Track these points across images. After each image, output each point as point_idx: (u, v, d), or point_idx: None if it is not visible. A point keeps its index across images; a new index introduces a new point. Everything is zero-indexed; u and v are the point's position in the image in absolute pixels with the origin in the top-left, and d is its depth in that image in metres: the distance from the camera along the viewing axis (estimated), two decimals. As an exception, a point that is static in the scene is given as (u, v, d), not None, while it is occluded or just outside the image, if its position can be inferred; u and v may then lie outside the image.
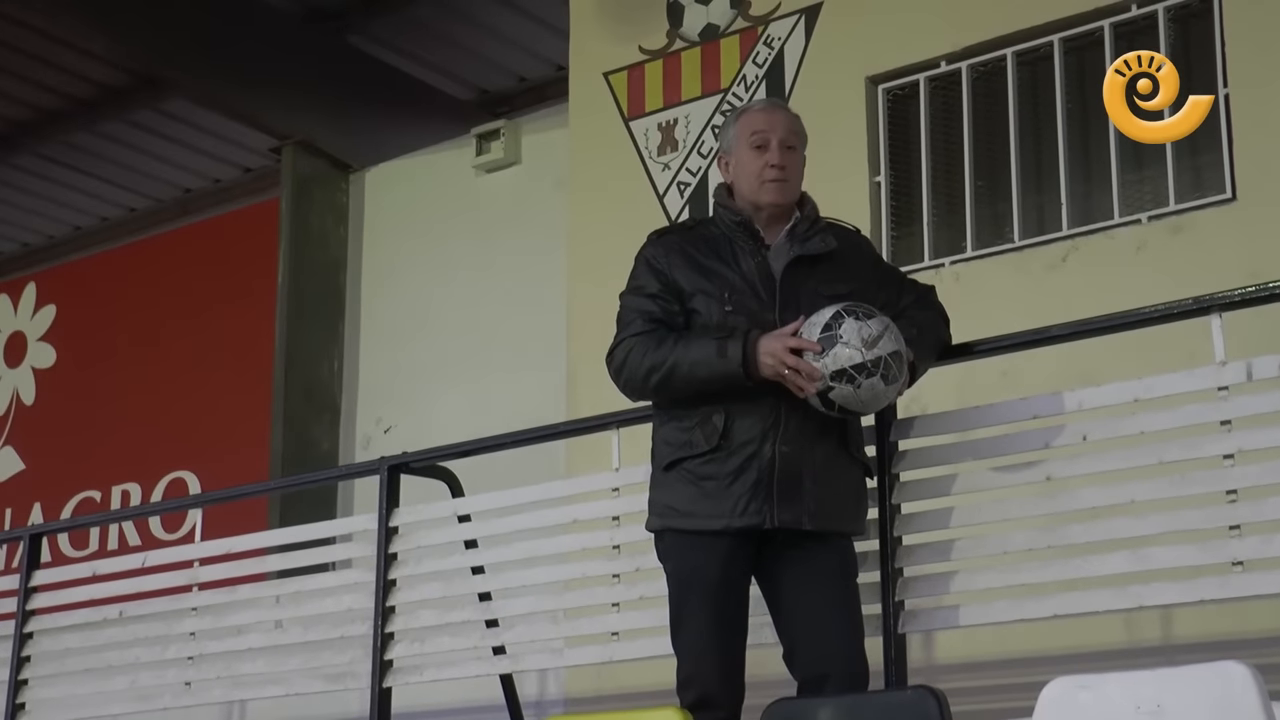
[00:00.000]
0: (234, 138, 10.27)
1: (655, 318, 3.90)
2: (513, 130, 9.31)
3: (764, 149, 3.97)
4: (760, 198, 3.96)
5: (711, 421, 3.81)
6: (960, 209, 6.58)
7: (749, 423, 3.79)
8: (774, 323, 3.82)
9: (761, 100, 4.62)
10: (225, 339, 10.20)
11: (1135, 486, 4.01)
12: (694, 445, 3.82)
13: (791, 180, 3.97)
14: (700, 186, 7.23)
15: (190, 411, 10.21)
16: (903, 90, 6.81)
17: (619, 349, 3.93)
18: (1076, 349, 4.59)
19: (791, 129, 4.02)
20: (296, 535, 6.03)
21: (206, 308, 10.38)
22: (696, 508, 3.80)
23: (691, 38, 7.46)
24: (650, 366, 3.84)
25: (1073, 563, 4.07)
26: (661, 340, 3.85)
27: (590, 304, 7.19)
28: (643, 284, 3.96)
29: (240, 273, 10.27)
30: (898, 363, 3.74)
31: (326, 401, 9.63)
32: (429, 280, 9.46)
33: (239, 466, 9.40)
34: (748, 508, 3.76)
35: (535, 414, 6.70)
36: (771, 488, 3.77)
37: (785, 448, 3.78)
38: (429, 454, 5.62)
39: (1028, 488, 4.21)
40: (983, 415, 4.31)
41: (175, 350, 10.46)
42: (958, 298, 5.23)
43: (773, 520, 3.76)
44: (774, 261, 3.92)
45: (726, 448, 3.79)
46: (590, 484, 5.17)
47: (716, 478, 3.79)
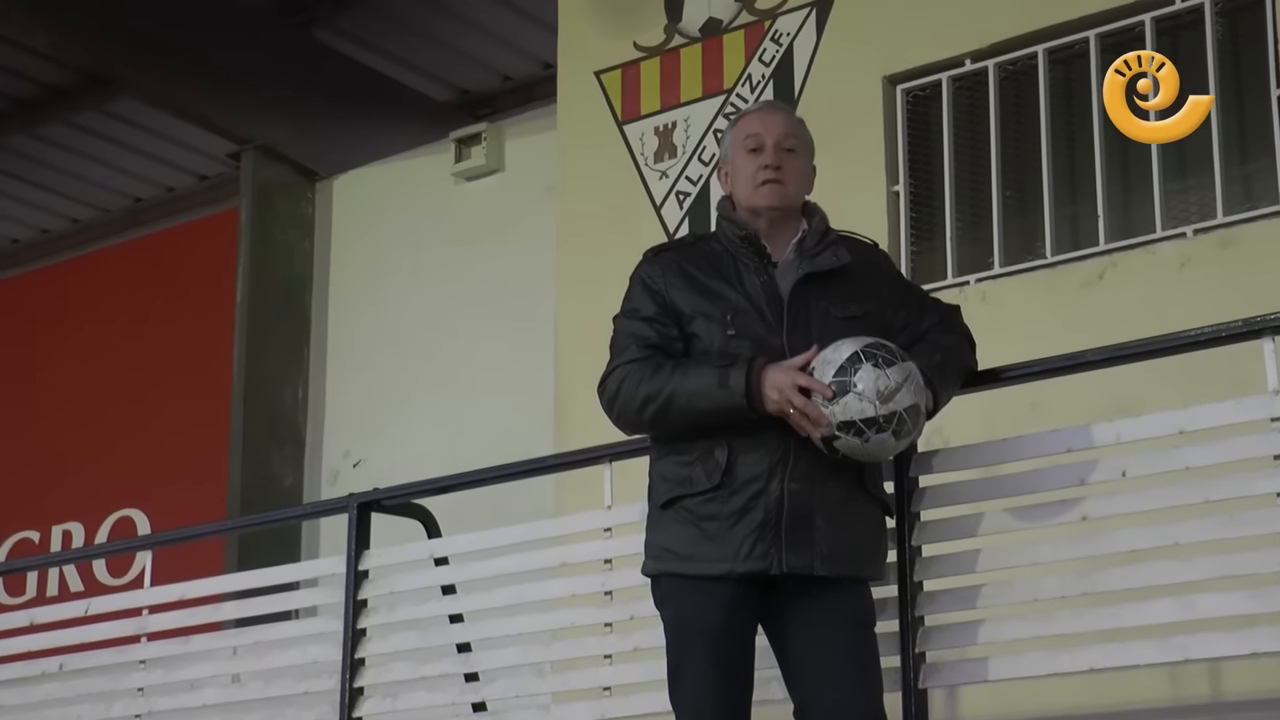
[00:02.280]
0: (189, 142, 10.30)
1: (651, 343, 3.90)
2: (495, 134, 9.34)
3: (759, 151, 4.00)
4: (755, 201, 3.98)
5: (713, 456, 3.81)
6: (987, 221, 6.60)
7: (755, 458, 3.79)
8: (781, 347, 3.83)
9: (762, 102, 4.64)
10: (178, 364, 10.20)
11: (1180, 527, 4.01)
12: (694, 482, 3.83)
13: (789, 183, 3.99)
14: (701, 197, 7.25)
15: (140, 443, 10.21)
16: (924, 91, 6.84)
17: (611, 378, 3.93)
18: (1114, 376, 4.60)
19: (789, 130, 4.04)
20: (256, 580, 6.02)
21: (158, 329, 10.39)
22: (697, 550, 3.80)
23: (692, 33, 7.49)
24: (645, 397, 3.84)
25: (1111, 611, 4.07)
26: (658, 368, 3.85)
27: (581, 327, 7.20)
28: (637, 306, 3.97)
29: (195, 291, 10.28)
30: (913, 418, 3.76)
31: (290, 432, 9.63)
32: (403, 300, 9.47)
33: (193, 504, 9.39)
34: (753, 551, 3.76)
35: (520, 446, 6.70)
36: (779, 529, 3.77)
37: (794, 485, 3.78)
38: (403, 490, 5.62)
39: (1061, 528, 4.20)
40: (1011, 449, 4.32)
41: (123, 376, 10.46)
42: (984, 319, 5.24)
43: (781, 565, 3.76)
44: (781, 280, 3.93)
45: (730, 485, 3.79)
46: (580, 523, 5.17)
47: (719, 518, 3.79)
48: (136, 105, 9.88)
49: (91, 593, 7.85)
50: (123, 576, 9.68)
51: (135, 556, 9.14)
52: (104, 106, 10.01)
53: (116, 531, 10.06)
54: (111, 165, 10.62)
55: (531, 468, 5.47)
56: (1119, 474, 4.11)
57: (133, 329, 10.51)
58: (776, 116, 4.08)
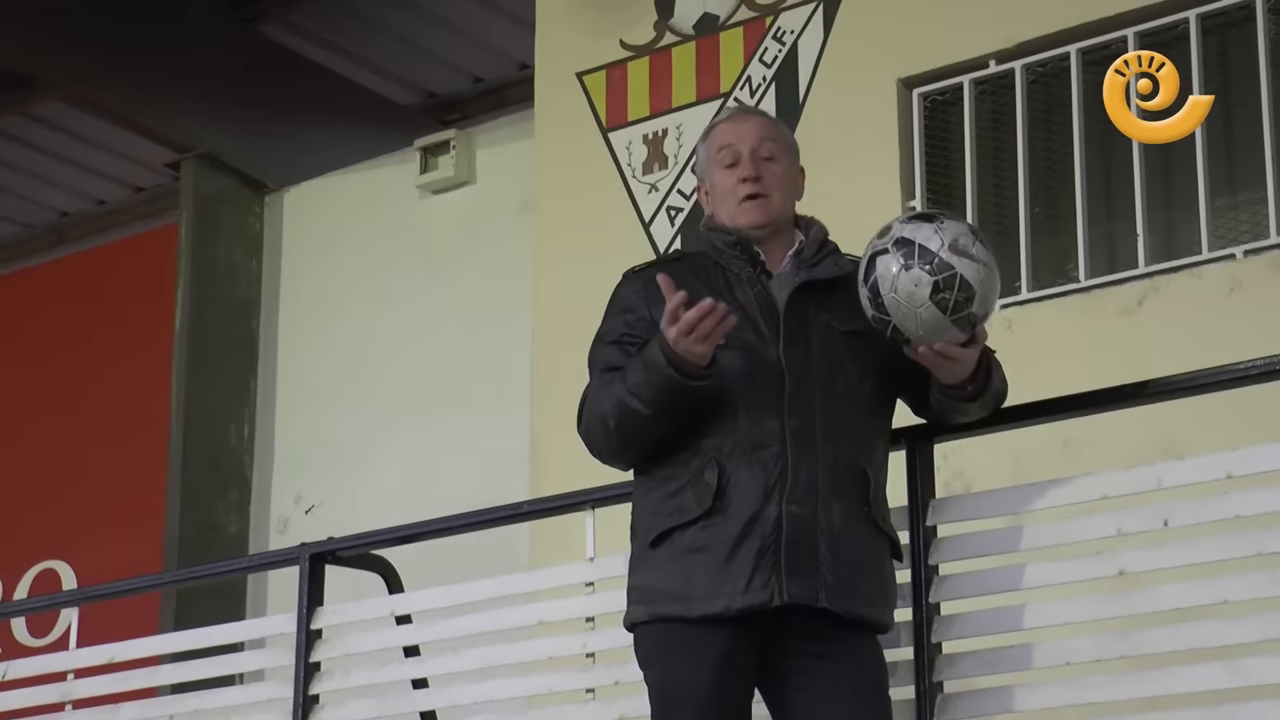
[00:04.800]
0: (121, 149, 10.31)
1: (614, 365, 3.93)
2: (465, 142, 9.35)
3: (735, 165, 4.03)
4: (739, 220, 4.00)
5: (703, 480, 3.82)
6: (1013, 241, 6.61)
7: (749, 478, 3.80)
8: (776, 360, 3.84)
9: (728, 109, 4.65)
10: (109, 398, 10.19)
11: (1229, 583, 4.02)
12: (684, 510, 3.83)
13: (774, 195, 4.01)
14: (695, 213, 7.26)
15: (65, 487, 10.19)
16: (943, 95, 6.86)
17: (580, 412, 3.97)
18: (1156, 413, 4.61)
19: (765, 136, 4.06)
20: (196, 640, 6.01)
21: (86, 359, 10.37)
22: (691, 588, 3.80)
23: (685, 31, 7.51)
24: (603, 414, 3.87)
25: (1153, 676, 4.08)
26: (608, 383, 3.89)
27: (560, 358, 7.20)
28: (606, 330, 4.01)
29: (128, 316, 10.27)
30: (965, 299, 3.70)
31: (235, 474, 9.62)
32: (362, 327, 9.47)
33: (125, 555, 9.38)
34: (751, 582, 3.76)
35: (492, 490, 6.70)
36: (779, 556, 3.77)
37: (794, 507, 3.79)
38: (361, 540, 5.62)
39: (1096, 584, 4.21)
40: (1041, 494, 4.32)
41: (47, 412, 10.44)
42: (1011, 349, 5.24)
43: (782, 594, 3.75)
44: (777, 290, 3.95)
45: (722, 510, 3.80)
46: (559, 577, 5.17)
47: (712, 548, 3.79)
48: (63, 108, 9.90)
49: (10, 655, 7.83)
50: (45, 636, 9.66)
51: (59, 614, 9.11)
52: (26, 109, 10.02)
53: (38, 586, 10.03)
54: (35, 175, 10.63)
55: (505, 514, 5.47)
56: (1161, 523, 4.11)
57: (58, 359, 10.50)
58: (748, 123, 4.11)
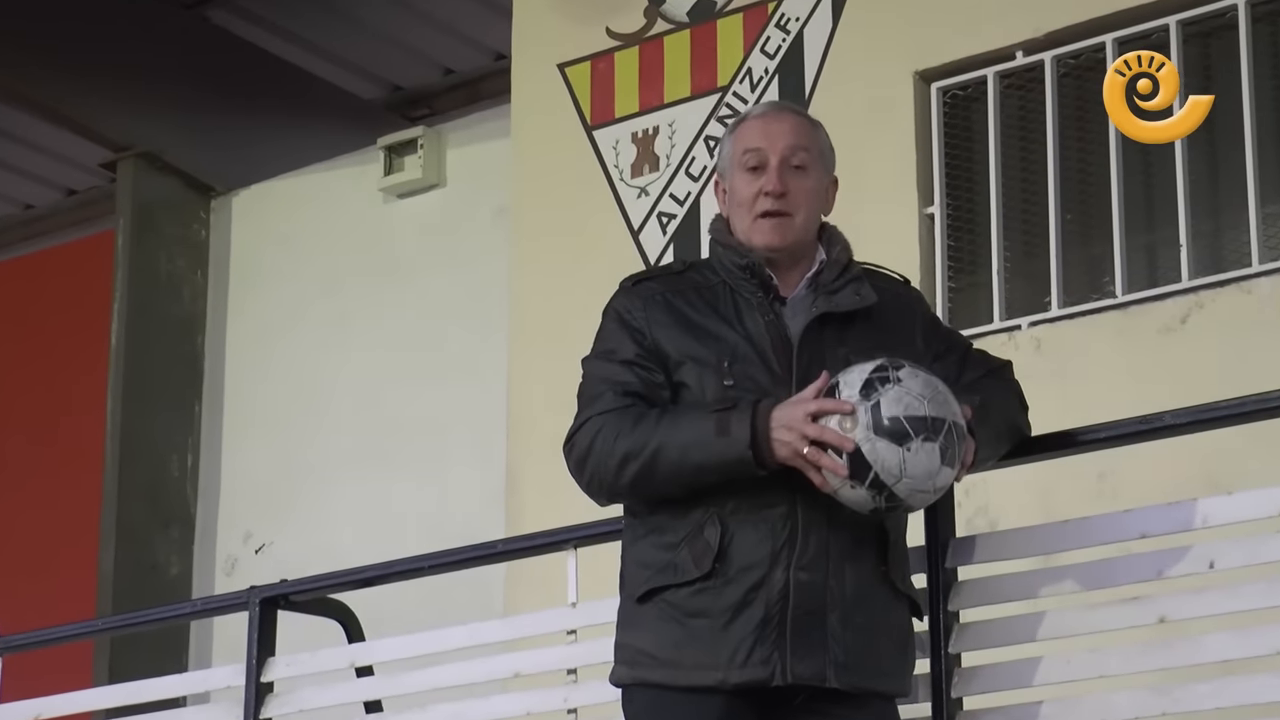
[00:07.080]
0: (52, 148, 10.30)
1: (631, 390, 3.89)
2: (435, 141, 9.36)
3: (759, 170, 3.99)
4: (752, 237, 3.96)
5: (703, 537, 3.80)
6: (1043, 252, 6.62)
7: (754, 539, 3.79)
8: (788, 401, 3.84)
9: (765, 104, 4.63)
10: (38, 423, 10.18)
11: None
12: (679, 570, 3.82)
13: (797, 215, 3.96)
14: (690, 219, 7.27)
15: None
16: (965, 90, 6.87)
17: (581, 432, 3.91)
18: (1200, 443, 4.61)
19: (797, 143, 4.00)
20: (133, 694, 6.01)
21: (11, 379, 10.37)
22: (682, 656, 3.80)
23: (678, 18, 7.52)
24: (625, 454, 3.82)
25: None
26: (639, 418, 3.83)
27: (538, 381, 7.21)
28: (613, 347, 3.96)
29: (59, 332, 10.27)
30: (959, 441, 3.73)
31: (177, 509, 9.61)
32: (319, 346, 9.47)
33: (53, 598, 9.36)
34: (750, 656, 3.76)
35: (463, 528, 6.71)
36: (784, 629, 3.77)
37: (803, 574, 3.78)
38: (317, 582, 5.61)
39: (1134, 632, 4.21)
40: (1073, 533, 4.32)
41: (-32, 439, 10.44)
42: (1039, 372, 5.27)
43: (785, 674, 3.76)
44: (791, 320, 3.93)
45: (723, 573, 3.79)
46: (538, 624, 5.16)
47: (709, 614, 3.79)
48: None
49: (-75, 710, 7.82)
50: (-36, 690, 9.64)
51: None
52: (-54, 105, 10.04)
53: (-43, 633, 10.02)
54: (-45, 177, 10.64)
55: (478, 554, 5.46)
56: (1206, 565, 4.12)
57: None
58: (783, 124, 4.05)
